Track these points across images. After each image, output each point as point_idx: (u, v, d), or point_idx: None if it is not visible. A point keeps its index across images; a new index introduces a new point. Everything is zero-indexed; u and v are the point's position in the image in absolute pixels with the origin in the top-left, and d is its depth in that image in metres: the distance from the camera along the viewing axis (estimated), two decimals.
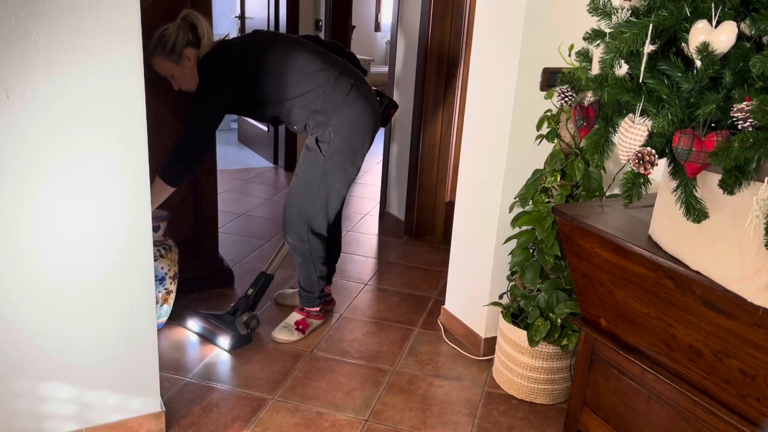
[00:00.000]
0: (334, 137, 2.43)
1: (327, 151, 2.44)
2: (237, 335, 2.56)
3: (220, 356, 2.53)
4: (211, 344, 2.59)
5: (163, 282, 2.55)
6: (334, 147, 2.44)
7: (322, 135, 2.44)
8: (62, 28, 1.59)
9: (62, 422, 1.88)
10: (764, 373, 1.36)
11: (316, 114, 2.43)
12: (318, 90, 2.41)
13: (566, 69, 1.91)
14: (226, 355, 2.53)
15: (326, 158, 2.44)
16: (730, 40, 1.21)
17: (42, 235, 1.71)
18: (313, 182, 2.48)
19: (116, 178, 1.77)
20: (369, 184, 5.16)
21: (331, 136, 2.43)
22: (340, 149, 2.45)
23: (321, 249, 2.62)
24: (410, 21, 3.80)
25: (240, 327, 2.58)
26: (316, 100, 2.41)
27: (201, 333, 2.64)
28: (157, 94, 2.59)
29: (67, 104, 1.65)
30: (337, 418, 2.21)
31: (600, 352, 1.85)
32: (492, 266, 2.54)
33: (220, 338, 2.57)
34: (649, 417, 1.70)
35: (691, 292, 1.47)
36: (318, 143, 2.44)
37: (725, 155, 1.19)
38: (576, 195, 2.24)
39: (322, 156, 2.44)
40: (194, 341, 2.61)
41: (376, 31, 9.03)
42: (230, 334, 2.56)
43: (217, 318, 2.64)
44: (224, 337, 2.56)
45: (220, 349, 2.56)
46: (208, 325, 2.63)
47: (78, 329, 1.83)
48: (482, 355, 2.64)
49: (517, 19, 2.28)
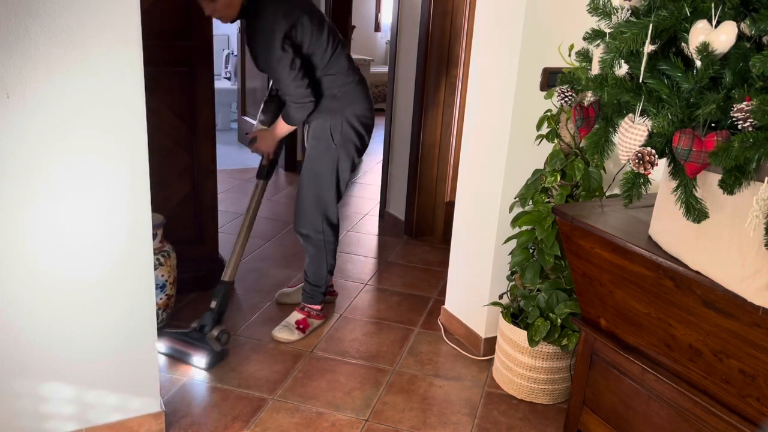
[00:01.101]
0: (345, 127, 2.53)
1: (339, 140, 2.53)
2: (212, 352, 2.44)
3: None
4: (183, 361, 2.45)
5: (164, 289, 2.57)
6: (345, 136, 2.54)
7: (335, 124, 2.51)
8: (62, 28, 1.59)
9: (62, 422, 1.88)
10: (764, 373, 1.36)
11: (333, 99, 2.50)
12: (343, 77, 2.51)
13: (566, 69, 1.91)
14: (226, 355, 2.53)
15: (338, 146, 2.54)
16: (730, 40, 1.21)
17: (42, 235, 1.71)
18: (327, 172, 2.56)
19: (116, 178, 1.77)
20: (369, 184, 5.16)
21: (343, 126, 2.52)
22: (350, 138, 2.55)
23: (333, 240, 2.68)
24: (410, 21, 3.80)
25: (213, 343, 2.47)
26: (340, 87, 2.50)
27: (172, 354, 2.48)
28: (157, 94, 2.59)
29: (67, 104, 1.65)
30: (337, 418, 2.21)
31: (600, 352, 1.85)
32: (492, 266, 2.54)
33: (194, 357, 2.43)
34: (649, 417, 1.70)
35: (691, 292, 1.47)
36: (331, 131, 2.52)
37: (725, 155, 1.19)
38: (576, 195, 2.24)
39: (334, 144, 2.53)
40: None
41: (376, 31, 9.03)
42: (205, 352, 2.43)
43: (185, 336, 2.50)
44: (199, 355, 2.43)
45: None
46: (178, 345, 2.48)
47: (78, 329, 1.83)
48: (482, 355, 2.64)
49: (517, 19, 2.28)
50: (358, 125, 2.56)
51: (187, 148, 2.83)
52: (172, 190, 2.83)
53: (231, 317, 2.83)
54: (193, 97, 2.78)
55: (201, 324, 2.53)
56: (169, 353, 2.49)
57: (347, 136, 2.54)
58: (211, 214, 2.99)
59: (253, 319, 2.84)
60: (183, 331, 2.54)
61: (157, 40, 2.56)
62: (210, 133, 2.87)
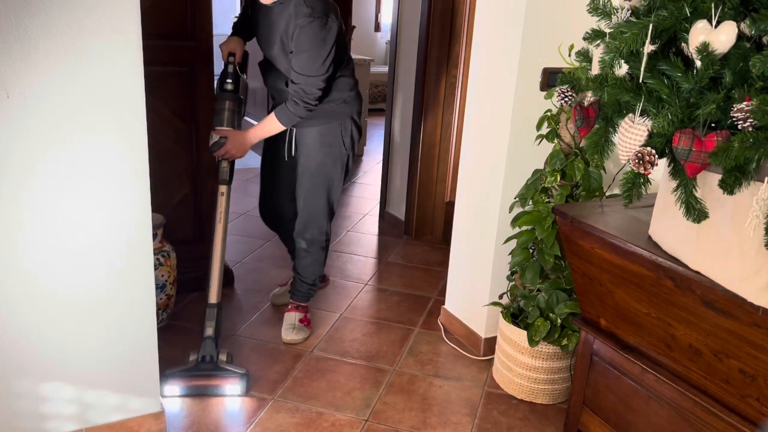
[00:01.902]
0: (353, 130, 2.57)
1: (348, 144, 2.56)
2: (241, 375, 2.30)
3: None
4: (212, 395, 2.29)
5: (164, 289, 2.57)
6: (353, 138, 2.58)
7: (344, 129, 2.53)
8: (62, 28, 1.59)
9: (63, 422, 1.88)
10: (764, 373, 1.36)
11: (343, 104, 2.51)
12: (351, 79, 2.53)
13: (566, 69, 1.91)
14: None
15: (347, 150, 2.56)
16: (730, 40, 1.21)
17: (42, 235, 1.71)
18: (338, 176, 2.59)
19: (116, 178, 1.77)
20: (369, 184, 5.16)
21: (352, 129, 2.56)
22: (354, 140, 2.60)
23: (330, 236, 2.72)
24: (410, 21, 3.80)
25: (232, 367, 2.32)
26: (349, 90, 2.51)
27: (195, 393, 2.27)
28: (158, 94, 2.59)
29: (67, 104, 1.65)
30: (337, 418, 2.21)
31: (600, 352, 1.85)
32: (492, 266, 2.54)
33: (226, 388, 2.28)
34: (649, 417, 1.70)
35: (691, 292, 1.47)
36: (342, 137, 2.53)
37: (725, 155, 1.19)
38: (576, 195, 2.24)
39: (345, 150, 2.55)
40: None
41: (376, 31, 9.03)
42: (234, 379, 2.29)
43: (198, 371, 2.29)
44: (230, 384, 2.28)
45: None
46: (198, 381, 2.28)
47: (78, 329, 1.83)
48: (482, 355, 2.64)
49: (517, 19, 2.28)
50: (359, 125, 2.61)
51: (187, 148, 2.83)
52: (172, 190, 2.84)
53: (231, 317, 2.83)
54: (194, 97, 2.79)
55: (204, 354, 2.31)
56: (191, 393, 2.27)
57: (354, 138, 2.58)
58: (211, 214, 2.99)
59: (253, 319, 2.84)
60: (190, 368, 2.29)
61: (157, 40, 2.56)
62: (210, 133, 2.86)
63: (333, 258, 3.58)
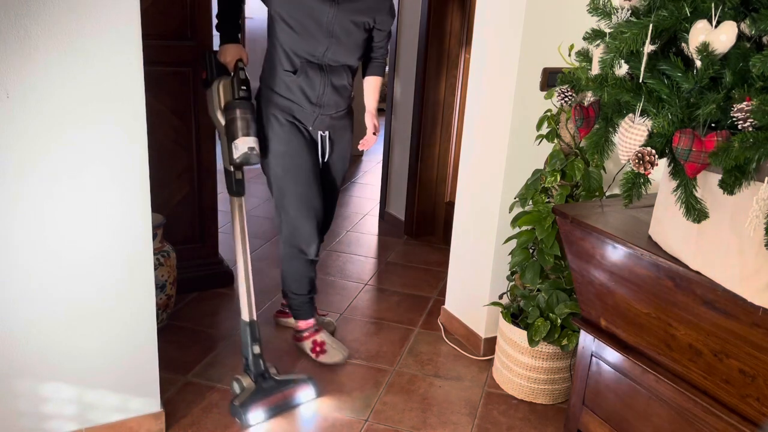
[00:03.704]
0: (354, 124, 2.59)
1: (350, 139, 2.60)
2: (307, 380, 2.31)
3: (219, 356, 2.53)
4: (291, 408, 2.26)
5: (164, 289, 2.57)
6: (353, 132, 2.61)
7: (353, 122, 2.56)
8: (62, 28, 1.59)
9: (63, 422, 1.88)
10: (764, 373, 1.36)
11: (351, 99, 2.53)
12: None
13: (566, 69, 1.91)
14: (226, 356, 2.53)
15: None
16: (730, 40, 1.21)
17: (42, 235, 1.71)
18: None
19: (116, 178, 1.77)
20: (369, 184, 5.16)
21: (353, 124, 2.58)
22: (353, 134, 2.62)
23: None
24: (410, 21, 3.80)
25: (296, 375, 2.33)
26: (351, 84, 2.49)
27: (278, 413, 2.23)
28: (158, 94, 2.59)
29: (67, 104, 1.65)
30: (337, 418, 2.21)
31: (600, 353, 1.85)
32: (492, 266, 2.54)
33: (299, 396, 2.28)
34: (649, 417, 1.70)
35: (691, 292, 1.47)
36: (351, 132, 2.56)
37: (725, 155, 1.19)
38: (576, 195, 2.24)
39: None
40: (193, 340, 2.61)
41: None
42: (303, 385, 2.29)
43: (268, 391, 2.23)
44: (301, 391, 2.28)
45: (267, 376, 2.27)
46: (273, 401, 2.22)
47: (78, 329, 1.83)
48: (482, 355, 2.64)
49: (517, 19, 2.28)
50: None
51: (187, 148, 2.83)
52: (172, 190, 2.84)
53: (231, 317, 2.83)
54: (194, 97, 2.79)
55: (260, 372, 2.25)
56: (275, 413, 2.22)
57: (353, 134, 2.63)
58: (211, 214, 3.00)
59: None
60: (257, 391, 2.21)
61: (157, 40, 2.56)
62: (210, 133, 2.87)
63: (333, 258, 3.58)
